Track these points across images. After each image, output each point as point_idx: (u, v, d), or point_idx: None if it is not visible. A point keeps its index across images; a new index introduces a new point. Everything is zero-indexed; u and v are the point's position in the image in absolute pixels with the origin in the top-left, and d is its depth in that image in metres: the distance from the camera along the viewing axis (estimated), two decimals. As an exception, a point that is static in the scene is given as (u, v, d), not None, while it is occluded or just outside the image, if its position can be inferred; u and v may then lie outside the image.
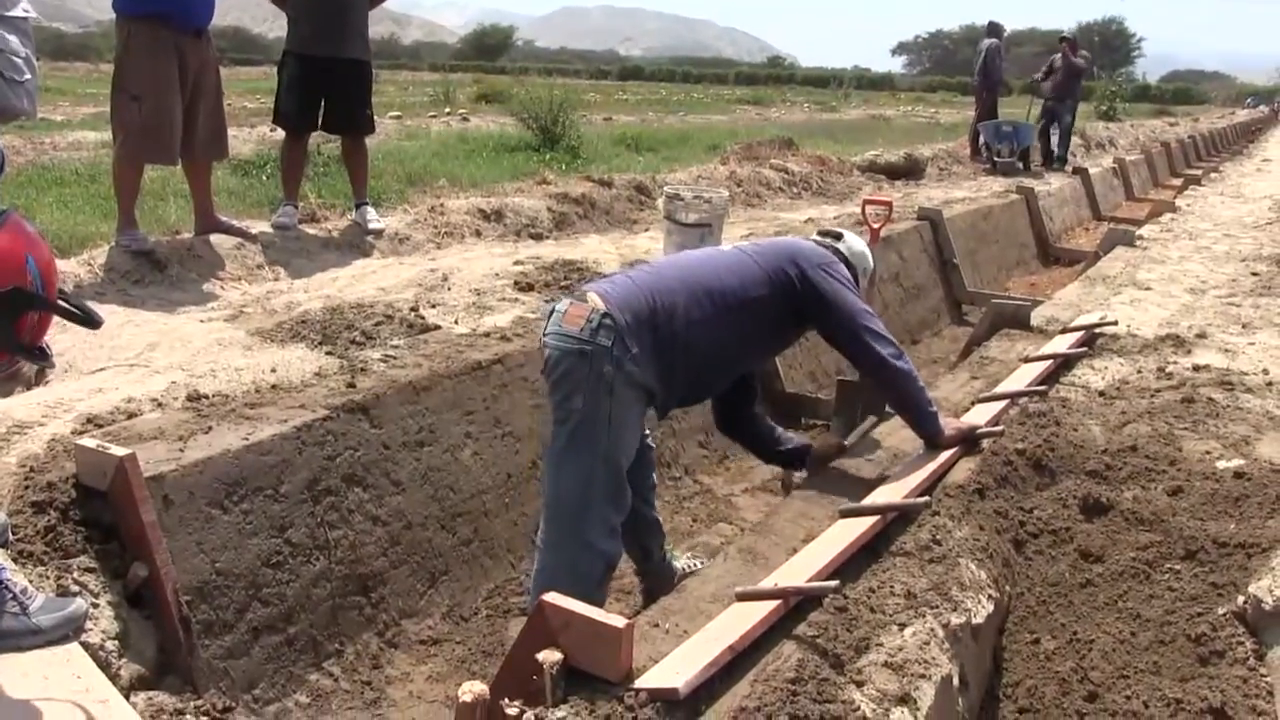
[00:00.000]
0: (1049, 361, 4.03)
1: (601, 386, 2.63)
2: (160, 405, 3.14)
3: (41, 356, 1.84)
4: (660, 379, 2.75)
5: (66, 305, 1.81)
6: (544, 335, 2.77)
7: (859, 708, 1.95)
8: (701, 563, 3.28)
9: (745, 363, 3.14)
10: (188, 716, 2.23)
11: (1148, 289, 5.72)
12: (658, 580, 3.26)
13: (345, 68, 5.61)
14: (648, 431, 2.94)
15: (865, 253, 3.28)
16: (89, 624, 2.23)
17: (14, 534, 2.36)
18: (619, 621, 1.91)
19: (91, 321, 1.85)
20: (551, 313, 2.78)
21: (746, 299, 2.87)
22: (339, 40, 5.56)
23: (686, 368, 2.81)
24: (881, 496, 2.79)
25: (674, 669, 1.94)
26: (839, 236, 3.26)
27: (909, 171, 11.45)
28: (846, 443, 3.37)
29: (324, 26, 5.50)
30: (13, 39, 1.93)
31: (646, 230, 7.14)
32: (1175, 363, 4.10)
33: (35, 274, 1.75)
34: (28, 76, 1.96)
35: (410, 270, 5.38)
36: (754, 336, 2.97)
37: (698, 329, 2.78)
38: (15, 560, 2.29)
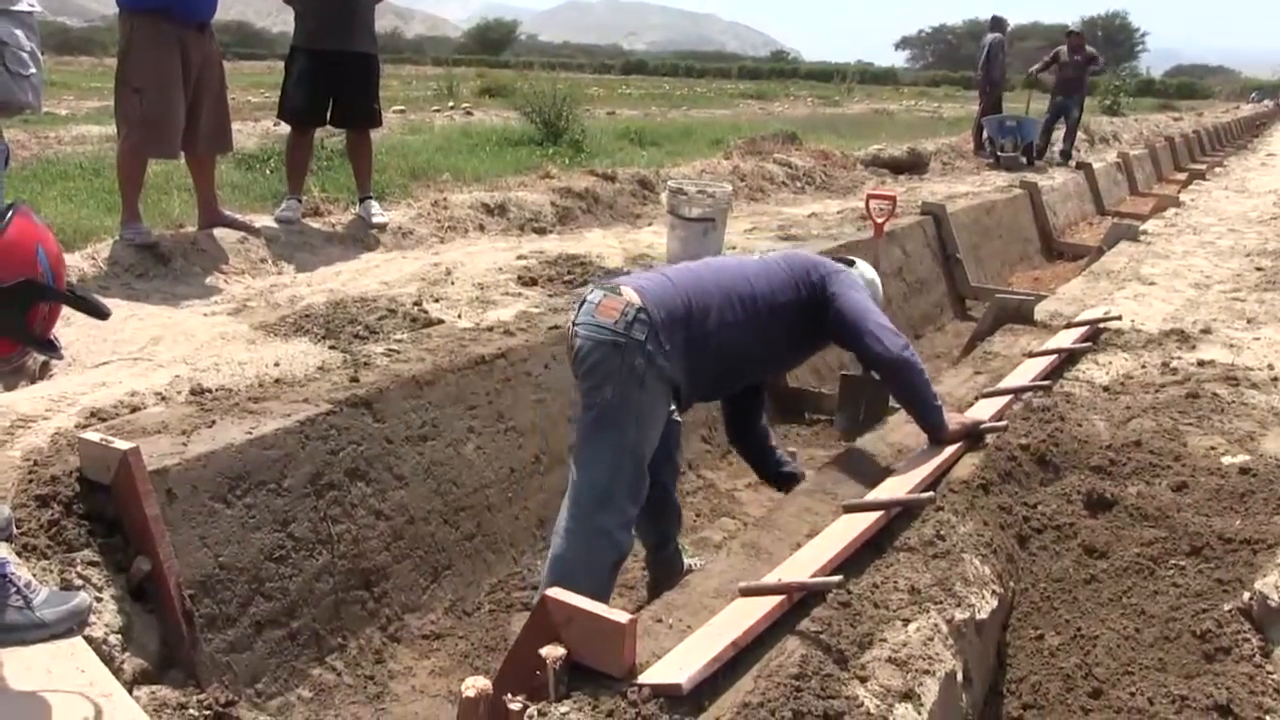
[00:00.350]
0: (1053, 356, 4.02)
1: (633, 379, 2.69)
2: (164, 399, 3.14)
3: (51, 348, 1.85)
4: (687, 376, 2.83)
5: (76, 296, 1.82)
6: (574, 324, 2.82)
7: (863, 703, 1.94)
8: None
9: (766, 366, 3.22)
10: (190, 710, 2.22)
11: (1152, 284, 5.71)
12: (666, 570, 3.27)
13: (353, 62, 5.63)
14: (673, 405, 2.98)
15: (876, 280, 3.38)
16: (92, 618, 2.23)
17: (18, 528, 2.35)
18: (622, 617, 1.91)
19: (100, 312, 1.86)
20: (582, 303, 2.83)
21: (775, 304, 2.96)
22: (346, 34, 5.57)
23: (714, 367, 2.89)
24: (885, 491, 2.78)
25: (677, 664, 1.94)
26: (852, 264, 3.36)
27: (912, 166, 11.43)
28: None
29: (331, 21, 5.51)
30: (18, 33, 1.93)
31: (650, 225, 7.13)
32: (1180, 358, 4.09)
33: (46, 265, 1.76)
34: (33, 70, 1.96)
35: (413, 264, 5.38)
36: (778, 339, 3.05)
37: (729, 331, 2.86)
38: (19, 554, 2.29)
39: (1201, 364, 3.98)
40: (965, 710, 2.28)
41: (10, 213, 1.75)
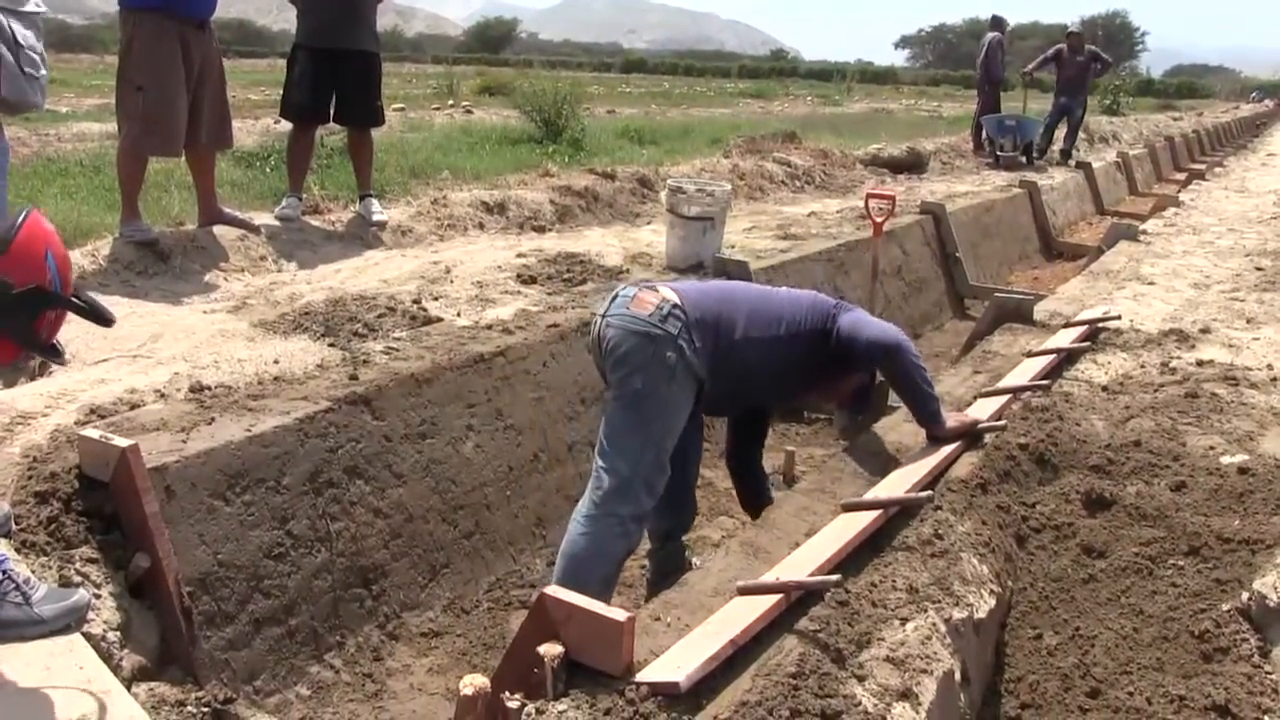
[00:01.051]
0: (1052, 356, 4.02)
1: (664, 371, 2.77)
2: (163, 396, 3.14)
3: (54, 353, 1.85)
4: (708, 377, 2.89)
5: (82, 303, 1.81)
6: (603, 316, 2.89)
7: (860, 702, 1.95)
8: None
9: (773, 391, 3.24)
10: (189, 707, 2.22)
11: (1151, 283, 5.71)
12: (668, 565, 3.27)
13: (355, 60, 5.63)
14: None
15: None
16: (91, 614, 2.23)
17: (17, 524, 2.36)
18: (620, 615, 1.91)
19: (105, 319, 1.85)
20: (614, 297, 2.91)
21: (795, 331, 3.04)
22: (349, 33, 5.58)
23: (729, 380, 2.96)
24: (884, 491, 2.79)
25: (675, 663, 1.94)
26: None
27: (912, 165, 11.43)
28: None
29: (333, 19, 5.52)
30: (30, 34, 1.94)
31: (649, 223, 7.13)
32: (1179, 357, 4.09)
33: (54, 270, 1.75)
34: (43, 72, 1.97)
35: (413, 262, 5.38)
36: (792, 365, 3.09)
37: (751, 347, 2.96)
38: (18, 550, 2.29)
39: (1201, 364, 3.99)
40: (963, 709, 2.28)
41: (22, 217, 1.75)
